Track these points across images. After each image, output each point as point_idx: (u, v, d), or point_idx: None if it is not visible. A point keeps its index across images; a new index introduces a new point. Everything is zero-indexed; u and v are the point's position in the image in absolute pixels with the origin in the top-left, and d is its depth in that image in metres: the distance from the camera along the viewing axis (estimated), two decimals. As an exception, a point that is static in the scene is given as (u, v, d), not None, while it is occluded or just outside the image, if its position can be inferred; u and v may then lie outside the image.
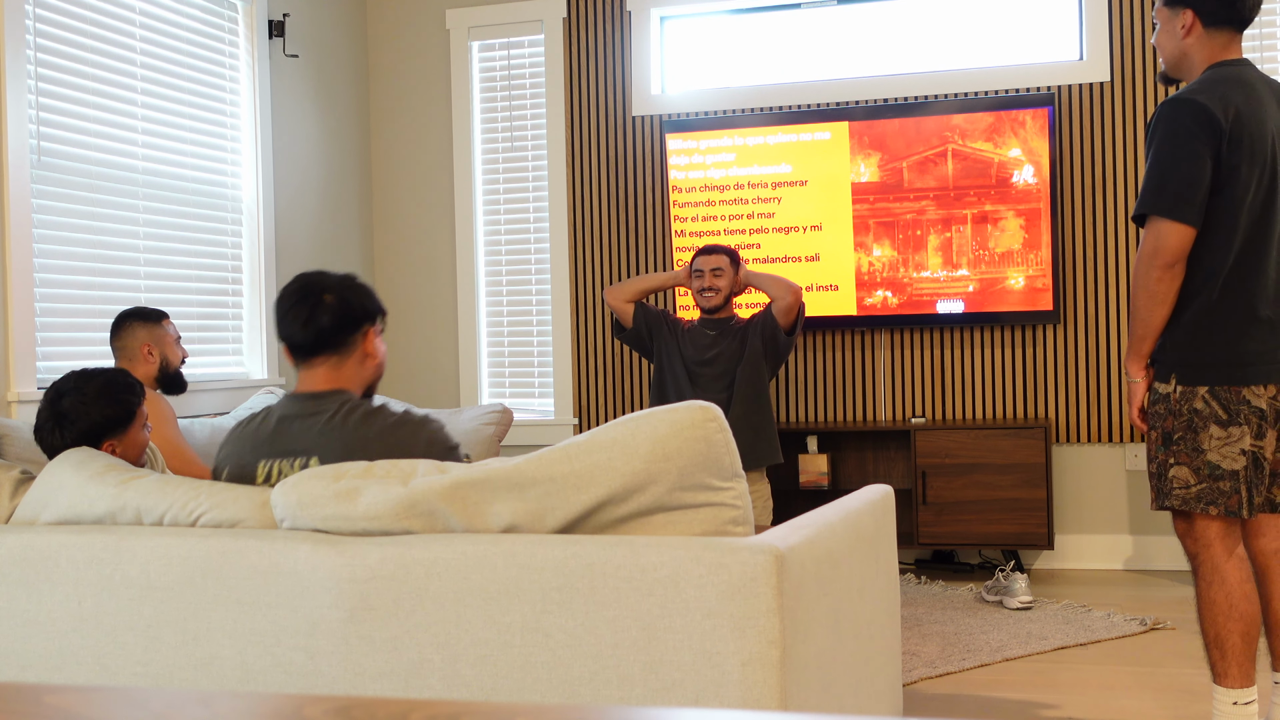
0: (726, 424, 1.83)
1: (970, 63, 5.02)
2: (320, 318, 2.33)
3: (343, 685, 1.82)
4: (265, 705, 0.71)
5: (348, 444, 2.21)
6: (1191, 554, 2.57)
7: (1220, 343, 2.48)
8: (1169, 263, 2.47)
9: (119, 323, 3.47)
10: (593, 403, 5.34)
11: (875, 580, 2.32)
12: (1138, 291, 2.52)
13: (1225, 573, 2.51)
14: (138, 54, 4.14)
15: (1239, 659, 2.51)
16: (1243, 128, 2.45)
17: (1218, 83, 2.50)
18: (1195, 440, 2.50)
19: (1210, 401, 2.49)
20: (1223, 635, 2.51)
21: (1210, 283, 2.49)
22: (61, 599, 1.99)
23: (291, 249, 4.94)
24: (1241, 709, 2.51)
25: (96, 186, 3.93)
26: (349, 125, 5.44)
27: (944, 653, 3.54)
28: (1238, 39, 2.59)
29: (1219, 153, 2.45)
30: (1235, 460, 2.47)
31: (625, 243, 5.31)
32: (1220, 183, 2.46)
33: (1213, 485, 2.49)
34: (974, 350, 4.98)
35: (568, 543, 1.75)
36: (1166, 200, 2.45)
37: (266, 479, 2.23)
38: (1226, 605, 2.51)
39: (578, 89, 5.35)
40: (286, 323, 2.36)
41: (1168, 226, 2.45)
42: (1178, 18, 2.60)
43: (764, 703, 1.64)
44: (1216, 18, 2.56)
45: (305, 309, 2.34)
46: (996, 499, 4.54)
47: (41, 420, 2.39)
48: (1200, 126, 2.44)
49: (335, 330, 2.33)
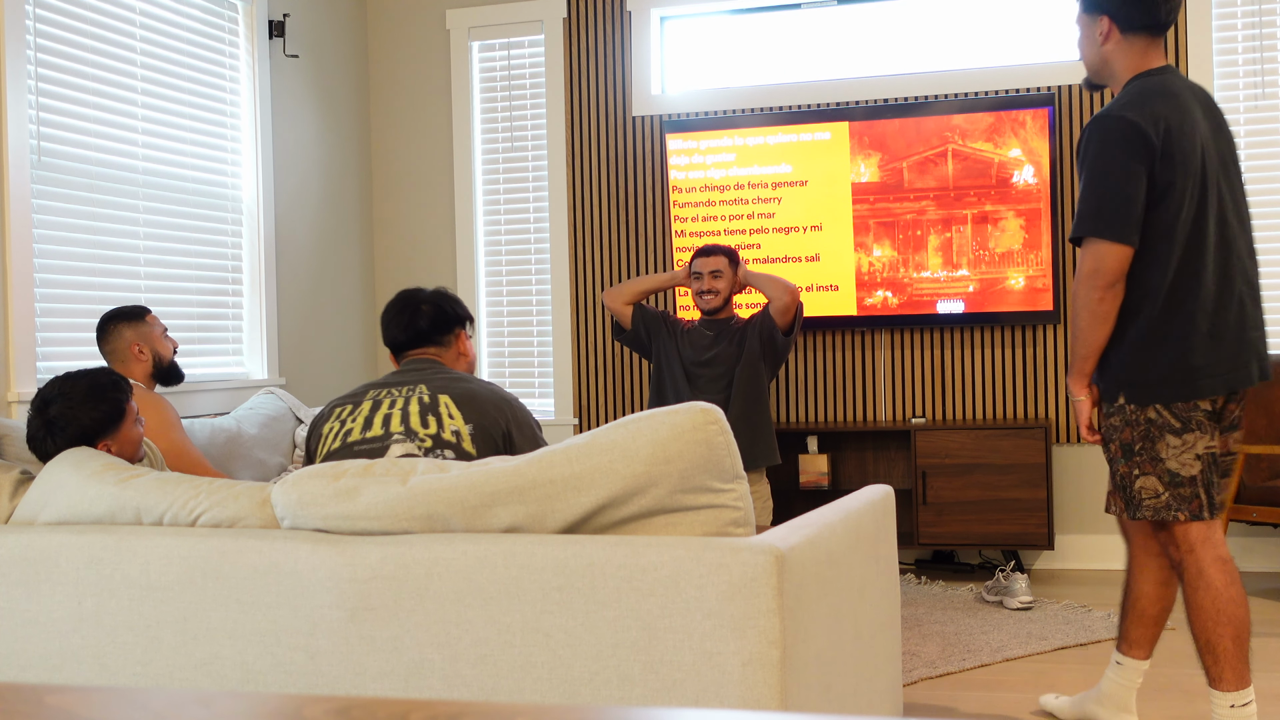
0: (727, 425, 1.83)
1: (970, 63, 5.02)
2: (419, 321, 2.71)
3: (343, 685, 1.82)
4: (265, 705, 0.71)
5: (454, 378, 2.56)
6: (1176, 561, 2.57)
7: (1165, 361, 2.50)
8: (1110, 283, 2.48)
9: (102, 327, 3.45)
10: (593, 403, 5.34)
11: (875, 580, 2.32)
12: (1079, 312, 2.53)
13: (1210, 577, 2.52)
14: (138, 54, 4.14)
15: (1232, 662, 2.51)
16: (1174, 142, 2.45)
17: (1145, 96, 2.50)
18: (1154, 450, 2.51)
19: (1163, 412, 2.51)
20: (1213, 640, 2.52)
21: (1150, 299, 2.49)
22: (61, 599, 1.98)
23: (291, 249, 4.94)
24: (1239, 711, 2.51)
25: (96, 186, 3.93)
26: (349, 125, 5.44)
27: (944, 653, 3.54)
28: (1158, 44, 2.59)
29: (1152, 169, 2.45)
30: (1191, 466, 2.50)
31: (625, 243, 5.31)
32: (1155, 199, 2.46)
33: (1176, 492, 2.50)
34: (974, 350, 4.98)
35: (568, 543, 1.75)
36: (1104, 221, 2.46)
37: (374, 399, 2.53)
38: (1214, 609, 2.52)
39: (578, 89, 5.35)
40: (391, 327, 2.73)
41: (1106, 247, 2.46)
42: (1095, 24, 2.61)
43: (764, 703, 1.64)
44: (1133, 23, 2.56)
45: (405, 316, 2.72)
46: (996, 499, 4.54)
47: (33, 430, 2.37)
48: (1132, 144, 2.44)
49: (431, 330, 2.71)
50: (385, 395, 2.54)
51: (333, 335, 5.25)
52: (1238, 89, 4.71)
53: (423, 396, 2.51)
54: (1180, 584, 2.58)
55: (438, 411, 2.47)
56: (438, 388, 2.53)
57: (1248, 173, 4.71)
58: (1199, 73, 4.69)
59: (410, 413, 2.48)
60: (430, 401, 2.49)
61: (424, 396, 2.51)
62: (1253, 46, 4.68)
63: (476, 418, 2.47)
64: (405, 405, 2.49)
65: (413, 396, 2.51)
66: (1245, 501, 4.33)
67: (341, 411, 2.57)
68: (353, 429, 2.51)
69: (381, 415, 2.49)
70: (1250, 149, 4.71)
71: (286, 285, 4.90)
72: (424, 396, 2.51)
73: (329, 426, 2.57)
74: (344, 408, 2.58)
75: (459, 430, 2.43)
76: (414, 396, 2.51)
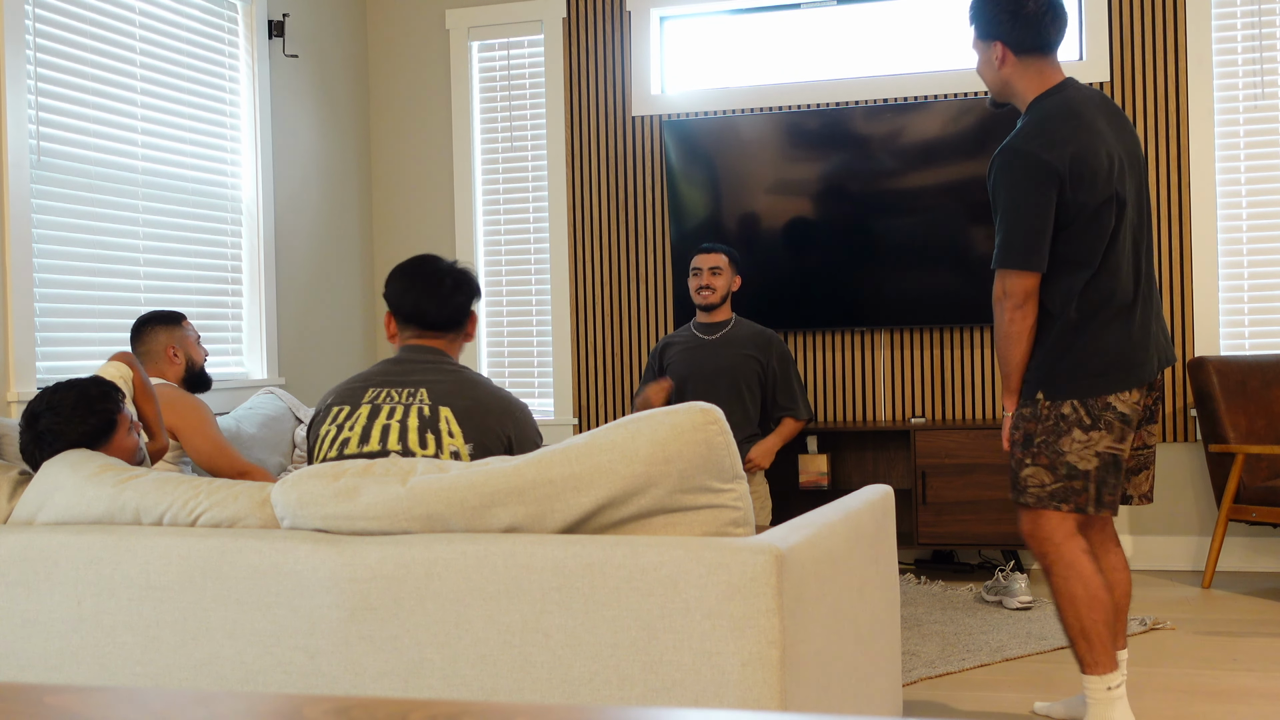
0: (727, 425, 1.83)
1: (970, 63, 5.01)
2: (457, 296, 2.54)
3: (343, 685, 1.82)
4: (265, 705, 0.71)
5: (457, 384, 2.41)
6: (1041, 553, 2.66)
7: (1081, 358, 2.59)
8: (1017, 304, 2.60)
9: (139, 327, 3.50)
10: (592, 403, 5.34)
11: (875, 580, 2.32)
12: (1000, 332, 2.66)
13: (1080, 566, 2.61)
14: (138, 54, 4.14)
15: (1105, 646, 2.62)
16: (1082, 165, 2.53)
17: (1048, 122, 2.58)
18: (1057, 444, 2.61)
19: (1078, 408, 2.60)
20: (1087, 626, 2.61)
21: (1068, 304, 2.59)
22: (61, 599, 1.98)
23: (291, 249, 4.95)
24: (1114, 692, 2.62)
25: (96, 187, 3.93)
26: (349, 125, 5.44)
27: (944, 653, 3.54)
28: (1052, 62, 2.67)
29: (1062, 195, 2.54)
30: (1089, 461, 2.59)
31: (625, 243, 5.31)
32: (1068, 218, 2.56)
33: (1068, 485, 2.60)
34: (974, 350, 4.98)
35: (568, 543, 1.75)
36: (1015, 255, 2.57)
37: (372, 401, 2.40)
38: (1087, 596, 2.61)
39: (578, 89, 5.35)
40: (420, 297, 2.53)
41: (1013, 275, 2.59)
42: (990, 50, 2.70)
43: (764, 703, 1.64)
44: (1024, 46, 2.65)
45: (443, 288, 2.53)
46: (996, 499, 4.54)
47: (24, 442, 2.36)
48: (1037, 177, 2.54)
49: (465, 309, 2.56)
50: (385, 399, 2.42)
51: (332, 335, 5.25)
52: (1237, 89, 4.71)
53: (423, 408, 2.39)
54: (1048, 578, 2.66)
55: (437, 428, 2.38)
56: (440, 396, 2.40)
57: (1247, 172, 4.71)
58: (1199, 73, 4.69)
59: (409, 427, 2.37)
60: (431, 415, 2.38)
61: (424, 408, 2.39)
62: (1252, 46, 4.68)
63: (477, 435, 2.38)
64: (405, 417, 2.39)
65: (413, 405, 2.40)
66: (1245, 501, 4.33)
67: (339, 413, 2.47)
68: (350, 438, 2.42)
69: (380, 426, 2.40)
70: (1250, 149, 4.71)
71: (286, 285, 4.90)
72: (424, 408, 2.39)
73: (325, 429, 2.48)
74: (341, 409, 2.47)
75: (458, 450, 2.36)
76: (414, 406, 2.40)
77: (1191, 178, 4.71)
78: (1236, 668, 3.32)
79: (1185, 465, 4.78)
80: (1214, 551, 4.39)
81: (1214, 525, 4.59)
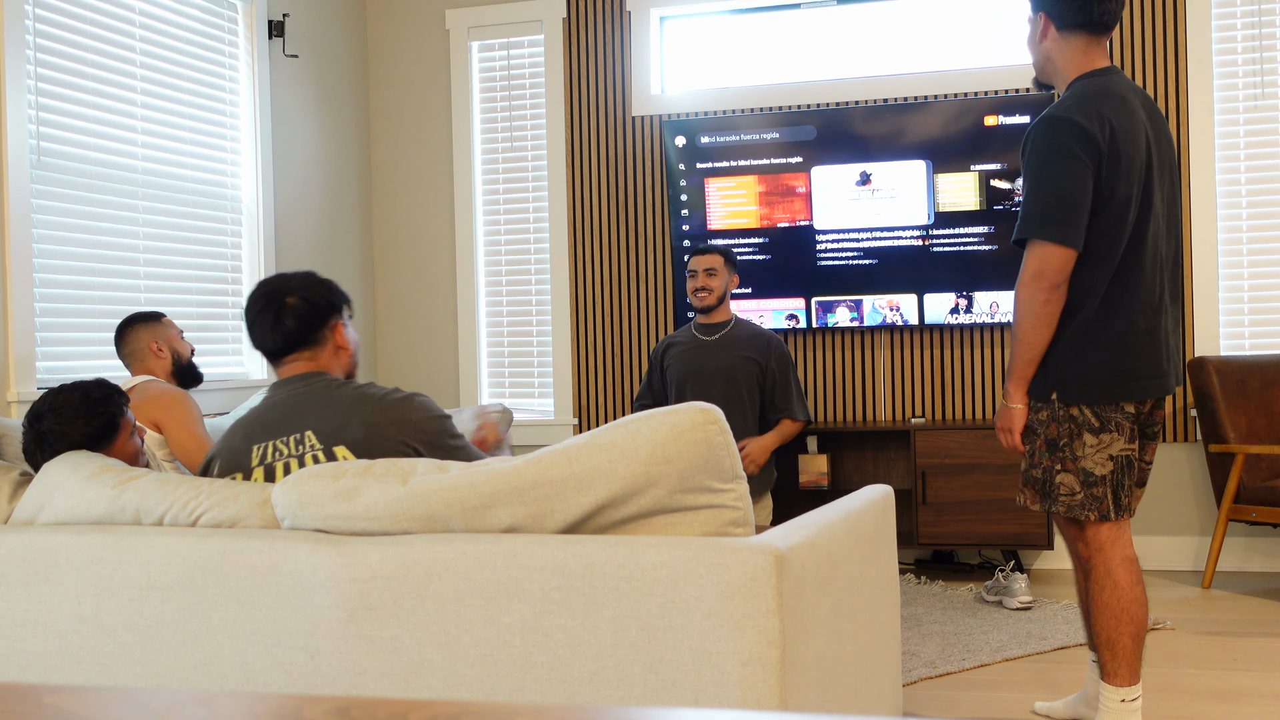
0: (727, 425, 1.83)
1: (970, 63, 5.02)
2: (285, 321, 2.34)
3: (343, 685, 1.82)
4: (265, 705, 0.71)
5: (342, 413, 2.22)
6: (1084, 558, 2.61)
7: (1099, 362, 2.50)
8: (1054, 284, 2.46)
9: (121, 331, 3.50)
10: (592, 403, 5.34)
11: (875, 580, 2.32)
12: (1024, 315, 2.51)
13: (1117, 576, 2.56)
14: (138, 54, 4.14)
15: (1129, 659, 2.57)
16: (1119, 144, 2.45)
17: (1090, 97, 2.50)
18: (1072, 448, 2.54)
19: (1085, 411, 2.53)
20: (1114, 637, 2.57)
21: (1090, 299, 2.49)
22: (61, 599, 1.98)
23: (291, 249, 4.95)
24: (1128, 705, 2.59)
25: (96, 187, 3.93)
26: (349, 125, 5.44)
27: (944, 653, 3.54)
28: (1097, 44, 2.60)
29: (1098, 172, 2.44)
30: (1104, 465, 2.52)
31: (625, 243, 5.31)
32: (1100, 202, 2.46)
33: (1088, 492, 2.53)
34: (974, 350, 4.98)
35: (568, 543, 1.75)
36: (1050, 225, 2.44)
37: (261, 460, 2.22)
38: (1118, 608, 2.56)
39: (578, 89, 5.35)
40: (256, 330, 2.37)
41: (1051, 250, 2.44)
42: (1036, 22, 2.65)
43: (764, 703, 1.64)
44: (1066, 21, 2.58)
45: (270, 315, 2.35)
46: (996, 499, 4.54)
47: (26, 443, 2.34)
48: (1079, 145, 2.43)
49: (303, 330, 2.34)
50: (274, 455, 2.21)
51: (332, 335, 5.25)
52: (1237, 89, 4.71)
53: (317, 454, 2.18)
54: (1086, 582, 2.63)
55: None
56: (330, 435, 2.19)
57: (1247, 173, 4.71)
58: (1199, 73, 4.69)
59: None
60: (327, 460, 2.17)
61: (318, 454, 2.18)
62: (1253, 46, 4.68)
63: None
64: None
65: (305, 455, 2.19)
66: (1245, 501, 4.33)
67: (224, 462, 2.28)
68: None
69: None
70: (1250, 149, 4.71)
71: (286, 285, 4.90)
72: (318, 454, 2.18)
73: None
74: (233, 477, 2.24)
75: None
76: (307, 455, 2.19)
77: (1192, 178, 4.71)
78: (1236, 668, 3.32)
79: (1185, 465, 4.78)
80: (1214, 551, 4.39)
81: (1214, 525, 4.59)
